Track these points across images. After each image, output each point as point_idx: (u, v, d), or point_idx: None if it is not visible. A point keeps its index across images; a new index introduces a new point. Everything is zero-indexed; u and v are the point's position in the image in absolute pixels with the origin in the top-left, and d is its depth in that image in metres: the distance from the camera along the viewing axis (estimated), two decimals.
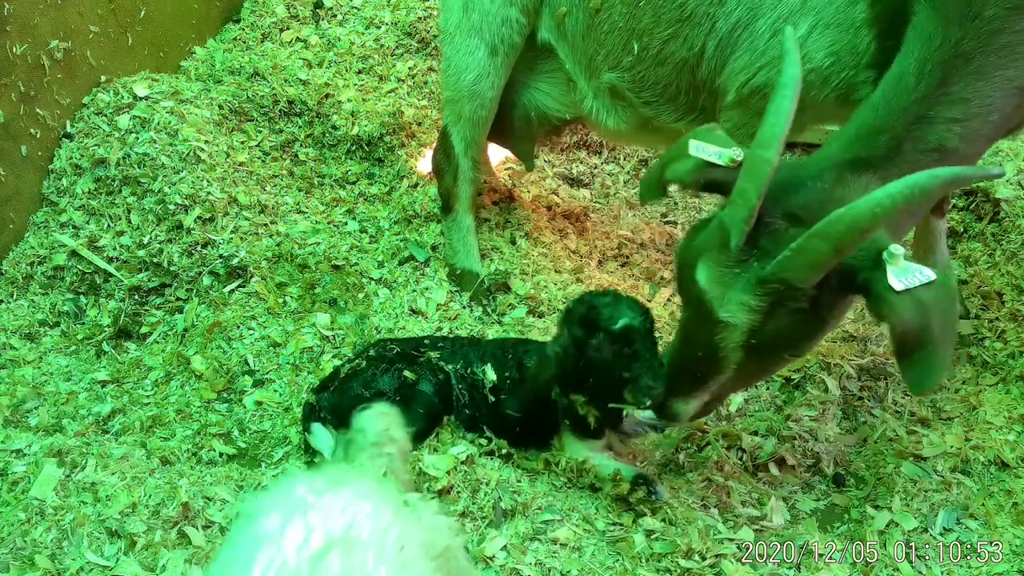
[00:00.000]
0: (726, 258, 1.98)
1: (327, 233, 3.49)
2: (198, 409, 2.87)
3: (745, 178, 1.92)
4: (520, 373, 2.59)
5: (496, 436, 2.63)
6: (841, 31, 2.37)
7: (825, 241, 1.83)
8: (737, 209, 1.93)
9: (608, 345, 2.28)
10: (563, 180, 4.14)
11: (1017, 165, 3.58)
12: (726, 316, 1.99)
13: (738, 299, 1.97)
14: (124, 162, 3.30)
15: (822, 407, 2.91)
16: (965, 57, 2.06)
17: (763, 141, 1.90)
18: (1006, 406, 2.82)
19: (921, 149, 2.10)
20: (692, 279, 2.04)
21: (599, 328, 2.29)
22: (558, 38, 3.08)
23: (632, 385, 2.27)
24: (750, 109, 2.61)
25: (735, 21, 2.56)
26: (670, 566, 2.27)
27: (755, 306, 1.96)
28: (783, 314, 1.98)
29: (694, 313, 2.08)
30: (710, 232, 2.02)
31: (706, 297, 2.01)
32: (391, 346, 2.71)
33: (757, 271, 1.95)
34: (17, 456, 2.56)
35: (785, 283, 1.92)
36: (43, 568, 2.17)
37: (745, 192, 1.91)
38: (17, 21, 3.13)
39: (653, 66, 2.81)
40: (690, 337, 2.14)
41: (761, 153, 1.89)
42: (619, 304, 2.33)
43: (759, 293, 1.95)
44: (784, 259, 1.89)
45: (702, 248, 2.02)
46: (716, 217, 2.02)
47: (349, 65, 4.08)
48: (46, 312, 3.20)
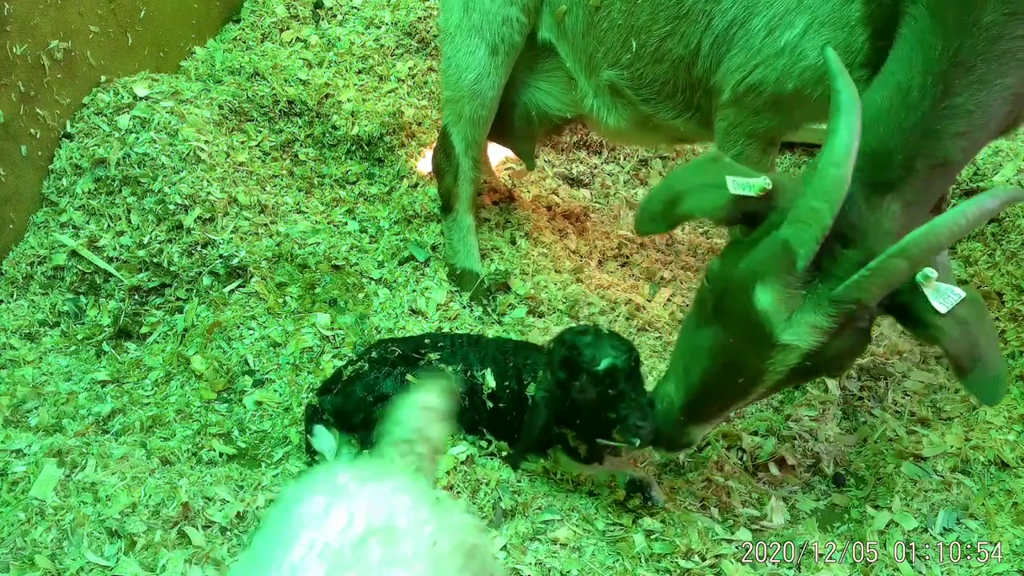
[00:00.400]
0: (793, 279, 1.92)
1: (327, 233, 3.49)
2: (198, 409, 2.87)
3: (817, 196, 1.86)
4: (519, 385, 2.54)
5: (496, 439, 2.63)
6: (836, 29, 2.37)
7: (905, 260, 1.84)
8: (808, 229, 1.87)
9: (592, 387, 2.21)
10: (563, 180, 4.14)
11: (1017, 165, 3.58)
12: (791, 339, 1.94)
13: (809, 321, 1.93)
14: (124, 162, 3.30)
15: (822, 407, 2.91)
16: (966, 66, 2.04)
17: (836, 159, 1.85)
18: (1006, 406, 2.82)
19: (930, 165, 2.10)
20: (748, 303, 1.96)
21: (581, 370, 2.22)
22: (558, 36, 3.09)
23: (620, 425, 2.21)
24: (746, 107, 2.61)
25: (731, 19, 2.56)
26: (670, 566, 2.27)
27: (826, 327, 1.94)
28: (848, 334, 1.97)
29: (744, 337, 2.01)
30: (769, 253, 1.94)
31: (768, 321, 1.94)
32: (392, 348, 2.71)
33: (827, 292, 1.92)
34: (17, 456, 2.56)
35: (858, 303, 1.92)
36: (43, 568, 2.17)
37: (818, 211, 1.86)
38: (17, 21, 3.13)
39: (651, 63, 2.81)
40: (730, 361, 2.06)
41: (835, 171, 1.85)
42: (601, 343, 2.25)
43: (831, 314, 1.92)
44: (861, 279, 1.88)
45: (760, 271, 1.95)
46: (775, 238, 1.94)
47: (349, 65, 4.08)
48: (46, 312, 3.20)
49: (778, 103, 2.55)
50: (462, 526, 1.60)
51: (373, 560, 1.33)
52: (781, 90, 2.51)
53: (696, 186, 2.11)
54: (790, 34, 2.43)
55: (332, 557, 1.31)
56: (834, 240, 1.94)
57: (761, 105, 2.57)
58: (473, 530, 1.64)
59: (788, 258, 1.91)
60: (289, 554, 1.31)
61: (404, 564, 1.35)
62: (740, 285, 1.98)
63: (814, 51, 2.41)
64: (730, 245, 2.09)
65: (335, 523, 1.36)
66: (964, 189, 3.59)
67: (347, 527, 1.35)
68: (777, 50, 2.46)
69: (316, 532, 1.34)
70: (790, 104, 2.54)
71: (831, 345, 1.97)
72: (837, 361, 2.07)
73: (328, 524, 1.35)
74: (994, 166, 3.59)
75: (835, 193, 1.86)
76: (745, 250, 2.02)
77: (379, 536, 1.36)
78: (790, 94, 2.50)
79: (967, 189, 3.58)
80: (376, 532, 1.36)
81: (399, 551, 1.36)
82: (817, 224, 1.87)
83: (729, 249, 2.09)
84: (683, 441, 2.24)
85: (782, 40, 2.45)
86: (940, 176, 2.17)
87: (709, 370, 2.10)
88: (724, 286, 2.03)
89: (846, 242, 1.96)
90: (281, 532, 1.39)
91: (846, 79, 1.92)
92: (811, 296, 1.94)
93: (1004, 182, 3.50)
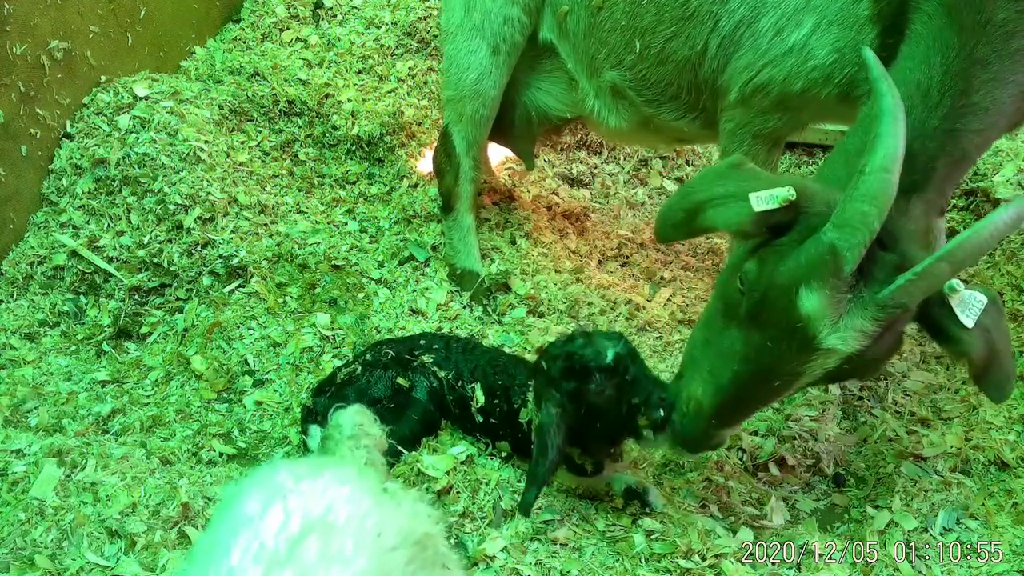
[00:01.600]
0: (840, 284, 1.88)
1: (327, 233, 3.49)
2: (198, 409, 2.87)
3: (866, 200, 1.83)
4: (508, 405, 2.49)
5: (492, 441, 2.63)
6: (845, 28, 2.37)
7: (950, 264, 1.83)
8: (856, 233, 1.84)
9: (608, 381, 2.16)
10: (563, 180, 4.14)
11: (1017, 165, 3.58)
12: (835, 343, 1.91)
13: (856, 325, 1.91)
14: (124, 162, 3.30)
15: (822, 407, 2.91)
16: (982, 64, 2.04)
17: (885, 164, 1.82)
18: (1006, 406, 2.82)
19: (950, 164, 2.11)
20: (791, 307, 1.92)
21: (591, 371, 2.15)
22: (559, 37, 3.08)
23: (644, 407, 2.16)
24: (752, 108, 2.61)
25: (738, 19, 2.55)
26: (670, 566, 2.27)
27: (870, 331, 1.91)
28: (888, 337, 1.96)
29: (783, 341, 1.96)
30: (815, 257, 1.89)
31: (812, 325, 1.91)
32: (386, 350, 2.71)
33: (872, 295, 1.90)
34: (17, 456, 2.56)
35: (903, 307, 1.90)
36: (43, 568, 2.17)
37: (866, 216, 1.83)
38: (17, 21, 3.13)
39: (655, 65, 2.81)
40: (766, 365, 2.02)
41: (885, 176, 1.82)
42: (594, 339, 2.20)
43: (877, 317, 1.90)
44: (908, 283, 1.85)
45: (804, 275, 1.90)
46: (821, 242, 1.89)
47: (349, 65, 4.08)
48: (46, 312, 3.20)
49: (785, 103, 2.55)
50: (412, 515, 1.58)
51: (310, 558, 1.32)
52: (789, 90, 2.51)
53: (718, 196, 2.06)
54: (798, 34, 2.43)
55: (268, 558, 1.31)
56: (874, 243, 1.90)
57: (768, 105, 2.57)
58: (425, 519, 1.62)
59: (835, 263, 1.86)
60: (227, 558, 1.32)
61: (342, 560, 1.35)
62: (782, 290, 1.93)
63: (822, 50, 2.41)
64: (768, 249, 2.02)
65: (271, 523, 1.36)
66: (964, 189, 3.59)
67: (283, 526, 1.35)
68: (785, 50, 2.46)
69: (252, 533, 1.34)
70: (797, 104, 2.54)
71: (871, 349, 1.95)
72: (874, 364, 2.05)
73: (264, 525, 1.35)
74: (994, 166, 3.59)
75: (884, 198, 1.83)
76: (786, 255, 1.96)
77: (317, 533, 1.36)
78: (798, 94, 2.50)
79: (967, 189, 3.58)
80: (314, 529, 1.36)
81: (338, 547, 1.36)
82: (866, 228, 1.84)
83: (767, 253, 2.02)
84: (712, 443, 2.21)
85: (790, 40, 2.45)
86: (957, 174, 2.19)
87: (741, 373, 2.05)
88: (763, 290, 1.98)
89: (883, 245, 1.93)
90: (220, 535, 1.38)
91: (889, 82, 1.88)
92: (856, 300, 1.91)
93: (1004, 182, 3.50)
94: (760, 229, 2.01)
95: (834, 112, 2.61)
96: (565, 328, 3.13)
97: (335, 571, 1.32)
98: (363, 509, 1.44)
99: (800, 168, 4.27)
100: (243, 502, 1.41)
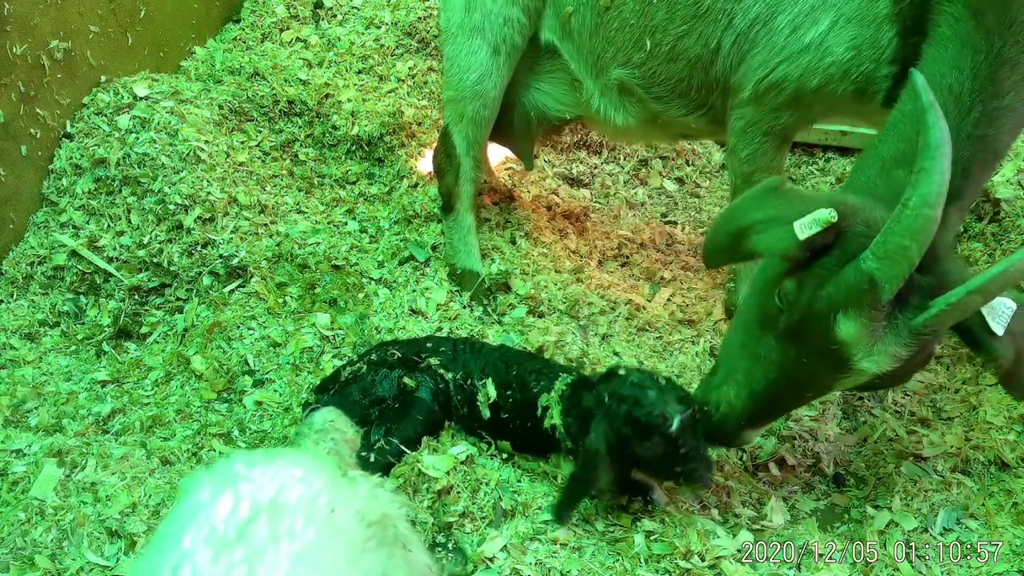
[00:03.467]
0: (876, 313, 1.94)
1: (327, 233, 3.49)
2: (198, 409, 2.87)
3: (907, 235, 1.86)
4: (523, 394, 2.51)
5: (495, 440, 2.63)
6: (863, 26, 2.37)
7: (983, 296, 1.89)
8: (896, 266, 1.88)
9: (662, 445, 2.16)
10: (563, 180, 4.14)
11: (1017, 165, 3.58)
12: (869, 366, 1.99)
13: (890, 351, 1.97)
14: (124, 162, 3.30)
15: (822, 407, 2.91)
16: (1011, 65, 2.06)
17: (929, 201, 1.84)
18: (1006, 406, 2.82)
19: (982, 166, 2.14)
20: (828, 331, 1.98)
21: (652, 431, 2.15)
22: (562, 37, 3.08)
23: (686, 478, 2.20)
24: (765, 105, 2.61)
25: (753, 17, 2.55)
26: (669, 567, 2.27)
27: (904, 356, 1.98)
28: (919, 357, 2.03)
29: (819, 359, 2.04)
30: (853, 286, 1.94)
31: (847, 349, 1.98)
32: (392, 351, 2.70)
33: (906, 322, 1.96)
34: (17, 456, 2.56)
35: (935, 333, 1.96)
36: (43, 568, 2.17)
37: (907, 250, 1.86)
38: (17, 21, 3.13)
39: (665, 62, 2.80)
40: (803, 378, 2.11)
41: (928, 212, 1.84)
42: (667, 399, 2.17)
43: (910, 344, 1.97)
44: (941, 312, 1.91)
45: (842, 302, 1.96)
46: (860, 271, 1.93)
47: (349, 65, 4.08)
48: (46, 312, 3.20)
49: (799, 100, 2.56)
50: (369, 497, 1.65)
51: (260, 537, 1.39)
52: (805, 87, 2.51)
53: (760, 221, 2.09)
54: (815, 31, 2.44)
55: (218, 541, 1.38)
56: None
57: (782, 102, 2.58)
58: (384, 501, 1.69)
59: (873, 293, 1.91)
60: (179, 543, 1.39)
61: (292, 536, 1.41)
62: (821, 314, 2.00)
63: (840, 47, 2.41)
64: (810, 270, 2.06)
65: (221, 508, 1.43)
66: None
67: (233, 510, 1.42)
68: (802, 47, 2.47)
69: (204, 519, 1.42)
70: (811, 101, 2.55)
71: (901, 368, 2.02)
72: (902, 377, 2.12)
73: (214, 510, 1.43)
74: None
75: (925, 234, 1.86)
76: (825, 279, 2.01)
77: (266, 514, 1.42)
78: (813, 90, 2.51)
79: None
80: (263, 510, 1.43)
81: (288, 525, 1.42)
82: (906, 262, 1.88)
83: (807, 275, 2.06)
84: (740, 441, 2.31)
85: (807, 37, 2.45)
86: (988, 174, 2.22)
87: (775, 382, 2.14)
88: (802, 312, 2.04)
89: (920, 266, 1.96)
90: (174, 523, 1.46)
91: (937, 113, 1.87)
92: (891, 327, 1.96)
93: (1004, 182, 3.50)
94: (804, 253, 2.04)
95: (847, 108, 2.62)
96: (565, 328, 3.13)
97: (283, 546, 1.39)
98: (315, 489, 1.51)
99: (800, 168, 4.27)
100: (197, 491, 1.49)
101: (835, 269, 2.00)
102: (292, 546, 1.39)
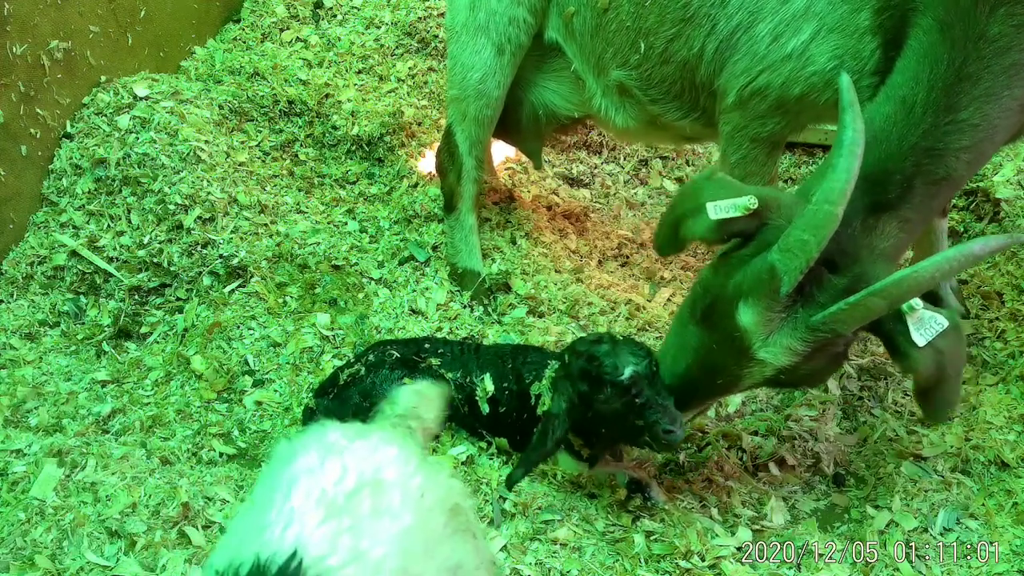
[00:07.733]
0: (775, 304, 2.00)
1: (327, 233, 3.49)
2: (198, 409, 2.87)
3: (807, 229, 1.92)
4: (519, 384, 2.52)
5: (495, 438, 2.63)
6: (845, 36, 2.37)
7: (884, 299, 1.92)
8: (795, 259, 1.93)
9: (617, 397, 2.18)
10: (563, 180, 4.14)
11: (1017, 165, 3.58)
12: (766, 356, 2.05)
13: (785, 343, 2.03)
14: (124, 162, 3.30)
15: (822, 407, 2.91)
16: (972, 80, 2.04)
17: (831, 197, 1.89)
18: (1006, 406, 2.82)
19: (930, 182, 2.13)
20: (732, 317, 2.05)
21: (604, 382, 2.17)
22: (566, 37, 3.09)
23: (649, 432, 2.19)
24: (750, 111, 2.61)
25: (735, 24, 2.55)
26: (669, 567, 2.27)
27: (800, 350, 2.03)
28: (821, 357, 2.07)
29: (725, 346, 2.10)
30: (757, 274, 2.01)
31: (747, 337, 2.04)
32: (390, 351, 2.70)
33: (805, 318, 2.00)
34: (17, 456, 2.56)
35: (834, 332, 1.99)
36: (43, 568, 2.17)
37: (806, 244, 1.92)
38: (17, 21, 3.13)
39: (659, 65, 2.81)
40: (713, 363, 2.16)
41: (829, 208, 1.89)
42: (619, 351, 2.21)
43: (806, 339, 2.01)
44: (839, 311, 1.95)
45: (746, 290, 2.03)
46: (765, 261, 1.99)
47: (349, 65, 4.08)
48: (46, 312, 3.20)
49: (783, 107, 2.56)
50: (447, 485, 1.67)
51: (364, 510, 1.41)
52: (787, 94, 2.51)
53: (691, 208, 2.16)
54: (797, 40, 2.43)
55: (328, 504, 1.39)
56: (822, 265, 2.00)
57: (766, 109, 2.58)
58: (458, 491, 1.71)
59: (773, 283, 1.98)
60: (289, 500, 1.39)
61: (392, 515, 1.43)
62: (727, 299, 2.07)
63: (822, 56, 2.41)
64: (722, 257, 2.15)
65: (330, 474, 1.44)
66: (964, 189, 3.58)
67: (341, 478, 1.43)
68: (784, 56, 2.47)
69: (313, 481, 1.42)
70: (796, 108, 2.55)
71: (804, 365, 2.07)
72: (809, 378, 2.19)
73: (323, 475, 1.44)
74: (994, 166, 3.58)
75: (824, 229, 1.91)
76: (736, 266, 2.09)
77: (370, 488, 1.44)
78: (796, 98, 2.50)
79: (967, 189, 3.58)
80: (367, 484, 1.44)
81: (388, 502, 1.45)
82: (804, 255, 1.93)
83: (721, 261, 2.16)
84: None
85: (789, 46, 2.45)
86: (941, 191, 2.20)
87: (692, 366, 2.21)
88: (713, 297, 2.12)
89: (834, 267, 2.03)
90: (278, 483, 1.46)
91: (854, 114, 1.93)
92: (790, 320, 2.02)
93: (1004, 182, 3.50)
94: (722, 237, 2.13)
95: (832, 116, 2.61)
96: (565, 328, 3.13)
97: (384, 523, 1.41)
98: (409, 470, 1.53)
99: (800, 168, 4.26)
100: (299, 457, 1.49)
101: (748, 259, 2.07)
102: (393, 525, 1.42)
